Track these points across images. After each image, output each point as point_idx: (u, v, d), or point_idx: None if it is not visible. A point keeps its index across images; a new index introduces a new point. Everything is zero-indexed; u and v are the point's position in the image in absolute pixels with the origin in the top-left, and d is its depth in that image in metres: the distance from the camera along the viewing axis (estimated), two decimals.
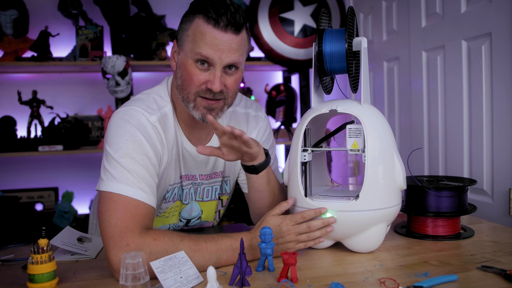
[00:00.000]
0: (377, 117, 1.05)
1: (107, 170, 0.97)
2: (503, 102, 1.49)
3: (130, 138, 1.00)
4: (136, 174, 0.97)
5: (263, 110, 1.32)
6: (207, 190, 1.24)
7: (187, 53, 1.03)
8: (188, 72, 1.03)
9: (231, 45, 1.01)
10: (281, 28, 2.68)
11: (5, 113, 2.61)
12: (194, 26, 1.02)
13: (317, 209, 1.01)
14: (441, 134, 1.83)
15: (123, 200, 0.94)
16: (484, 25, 1.57)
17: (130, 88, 2.53)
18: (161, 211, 1.20)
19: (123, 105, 1.08)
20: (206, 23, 1.00)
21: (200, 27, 1.00)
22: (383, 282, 0.85)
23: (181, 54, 1.06)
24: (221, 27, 0.99)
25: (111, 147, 0.99)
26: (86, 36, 2.61)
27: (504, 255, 1.00)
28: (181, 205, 1.22)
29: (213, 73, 1.02)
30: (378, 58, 2.35)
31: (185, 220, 1.25)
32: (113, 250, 0.89)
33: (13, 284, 0.92)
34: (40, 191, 2.74)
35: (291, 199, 1.06)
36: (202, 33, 1.00)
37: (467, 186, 1.19)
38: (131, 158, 0.98)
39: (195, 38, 1.01)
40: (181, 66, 1.05)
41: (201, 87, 1.03)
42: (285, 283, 0.84)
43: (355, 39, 1.06)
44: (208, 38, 0.99)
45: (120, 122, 1.02)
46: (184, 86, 1.05)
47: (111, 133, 1.01)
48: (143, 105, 1.07)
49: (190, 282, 0.85)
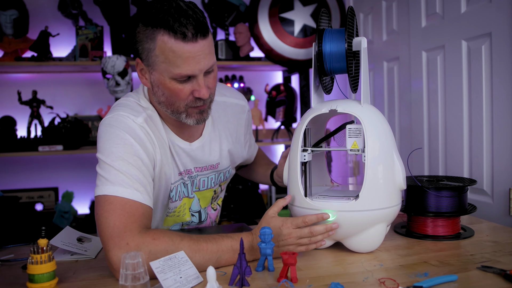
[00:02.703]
0: (377, 117, 1.04)
1: (101, 176, 0.98)
2: (503, 102, 1.49)
3: (120, 141, 1.00)
4: (130, 176, 0.97)
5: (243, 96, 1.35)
6: (203, 180, 1.24)
7: (163, 73, 0.99)
8: (171, 90, 1.01)
9: (204, 51, 0.98)
10: (281, 28, 2.68)
11: (5, 113, 2.61)
12: (160, 44, 0.96)
13: (319, 214, 1.00)
14: (441, 134, 1.83)
15: (119, 201, 0.94)
16: (484, 25, 1.56)
17: (130, 88, 2.53)
18: (170, 211, 1.20)
19: (108, 113, 1.08)
20: (174, 39, 0.94)
21: (169, 45, 0.95)
22: (383, 282, 0.85)
23: (154, 74, 1.01)
24: (191, 39, 0.95)
25: (102, 154, 1.00)
26: (86, 36, 2.61)
27: (504, 255, 1.00)
28: (188, 201, 1.22)
29: (196, 83, 1.00)
30: (378, 58, 2.35)
31: (197, 213, 1.26)
32: (112, 250, 0.89)
33: (13, 284, 0.92)
34: (40, 191, 2.74)
35: (288, 196, 1.07)
36: (173, 51, 0.95)
37: (467, 186, 1.19)
38: (124, 160, 0.98)
39: (168, 58, 0.96)
40: (159, 86, 1.02)
41: (189, 99, 1.02)
42: (285, 283, 0.84)
43: (355, 39, 1.06)
44: (183, 55, 0.95)
45: (108, 129, 1.02)
46: (171, 102, 1.04)
47: (101, 140, 1.02)
48: (127, 109, 1.06)
49: (190, 282, 0.85)
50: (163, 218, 1.21)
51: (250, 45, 2.81)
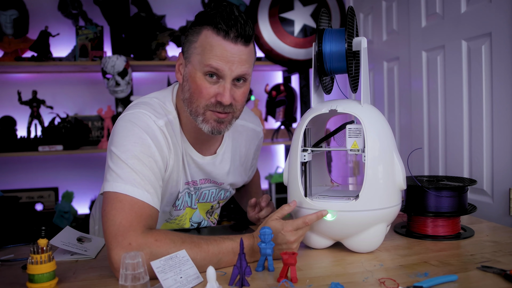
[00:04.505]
0: (377, 117, 1.04)
1: (113, 171, 0.97)
2: (503, 102, 1.49)
3: (138, 140, 1.00)
4: (143, 176, 0.97)
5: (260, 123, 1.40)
6: (204, 193, 1.24)
7: (196, 65, 1.02)
8: (197, 85, 1.02)
9: (241, 56, 1.00)
10: (281, 28, 2.68)
11: (5, 113, 2.61)
12: (202, 38, 1.01)
13: (319, 213, 1.00)
14: (441, 134, 1.83)
15: (129, 200, 0.94)
16: (484, 25, 1.56)
17: (130, 88, 2.53)
18: (172, 218, 1.20)
19: (129, 108, 1.07)
20: (216, 35, 0.99)
21: (209, 39, 1.00)
22: (383, 282, 0.85)
23: (188, 67, 1.05)
24: (231, 39, 0.99)
25: (118, 149, 0.99)
26: (86, 36, 2.61)
27: (504, 255, 1.00)
28: (190, 212, 1.23)
29: (222, 85, 1.01)
30: (378, 58, 2.35)
31: (196, 224, 1.27)
32: (115, 249, 0.89)
33: (13, 284, 0.92)
34: (40, 191, 2.74)
35: (293, 203, 1.04)
36: (211, 44, 0.99)
37: (467, 186, 1.19)
38: (139, 160, 0.98)
39: (204, 50, 1.00)
40: (188, 79, 1.05)
41: (211, 101, 1.03)
42: (284, 283, 0.84)
43: (355, 39, 1.06)
44: (218, 50, 0.99)
45: (128, 125, 1.02)
46: (193, 99, 1.04)
47: (118, 135, 1.01)
48: (150, 108, 1.06)
49: (190, 282, 0.85)
50: (162, 223, 1.22)
51: None
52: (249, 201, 1.28)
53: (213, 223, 1.36)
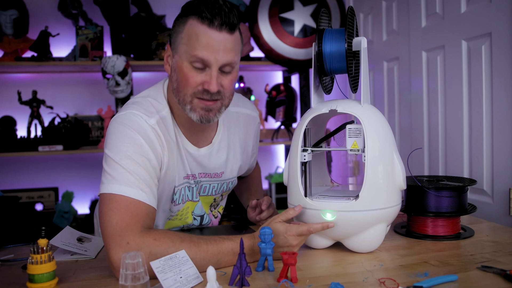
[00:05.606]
0: (377, 117, 1.04)
1: (107, 173, 0.98)
2: (503, 102, 1.49)
3: (130, 141, 1.00)
4: (137, 175, 0.97)
5: (255, 108, 1.38)
6: (205, 187, 1.24)
7: (182, 55, 1.03)
8: (184, 74, 1.03)
9: (226, 44, 1.01)
10: (281, 28, 2.68)
11: (5, 113, 2.61)
12: (187, 27, 1.02)
13: (324, 224, 1.00)
14: (441, 134, 1.83)
15: (124, 200, 0.94)
16: (484, 25, 1.57)
17: (130, 88, 2.53)
18: (172, 214, 1.20)
19: (121, 109, 1.08)
20: (200, 24, 1.00)
21: (194, 28, 1.00)
22: (383, 282, 0.85)
23: (175, 57, 1.06)
24: (216, 27, 0.99)
25: (111, 151, 0.99)
26: (86, 36, 2.61)
27: (504, 255, 1.00)
28: (192, 205, 1.23)
29: (209, 73, 1.02)
30: (378, 58, 2.35)
31: (199, 217, 1.26)
32: (113, 249, 0.89)
33: (13, 284, 0.92)
34: (40, 191, 2.74)
35: (298, 207, 1.03)
36: (196, 33, 1.00)
37: (467, 186, 1.19)
38: (132, 160, 0.98)
39: (190, 40, 1.01)
40: (176, 69, 1.05)
41: (198, 88, 1.03)
42: (285, 283, 0.84)
43: (355, 39, 1.06)
44: (203, 39, 0.99)
45: (119, 127, 1.02)
46: (180, 88, 1.05)
47: (111, 137, 1.02)
48: (141, 108, 1.07)
49: (190, 282, 0.85)
50: (165, 221, 1.22)
51: (250, 45, 2.81)
52: (250, 202, 1.28)
53: (216, 217, 1.36)
